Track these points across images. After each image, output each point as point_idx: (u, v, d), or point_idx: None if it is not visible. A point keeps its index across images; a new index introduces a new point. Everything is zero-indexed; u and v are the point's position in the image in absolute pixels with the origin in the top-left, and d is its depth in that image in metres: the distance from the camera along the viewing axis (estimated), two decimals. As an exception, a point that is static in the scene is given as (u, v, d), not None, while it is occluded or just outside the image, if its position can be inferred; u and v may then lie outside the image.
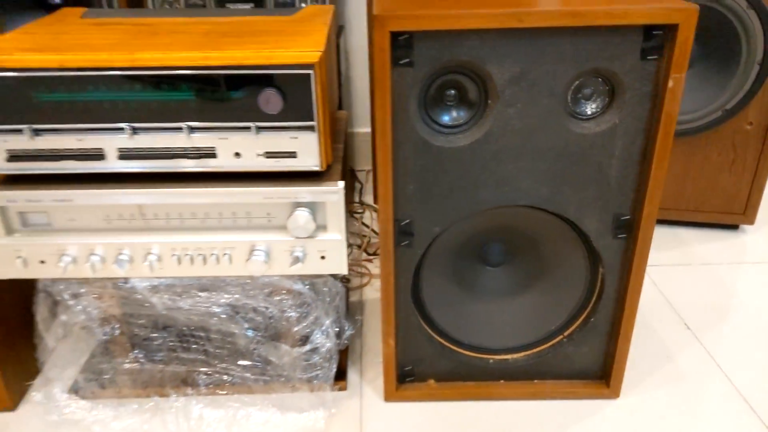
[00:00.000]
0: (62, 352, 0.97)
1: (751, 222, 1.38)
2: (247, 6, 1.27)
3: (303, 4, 1.27)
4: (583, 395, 0.94)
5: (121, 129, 0.75)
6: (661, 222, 1.43)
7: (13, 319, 0.95)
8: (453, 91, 0.76)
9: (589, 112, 0.77)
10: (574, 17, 0.69)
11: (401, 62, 0.72)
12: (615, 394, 0.94)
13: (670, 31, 0.70)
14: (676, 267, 1.28)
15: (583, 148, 0.77)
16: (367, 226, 1.42)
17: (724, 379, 0.98)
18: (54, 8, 1.14)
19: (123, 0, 1.25)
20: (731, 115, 1.28)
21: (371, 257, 1.31)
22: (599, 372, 0.94)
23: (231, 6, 1.26)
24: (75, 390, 0.94)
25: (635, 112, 0.75)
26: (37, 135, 0.75)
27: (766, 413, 0.91)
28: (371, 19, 1.04)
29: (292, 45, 0.75)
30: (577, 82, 0.75)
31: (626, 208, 0.81)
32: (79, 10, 0.97)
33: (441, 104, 0.77)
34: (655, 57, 0.72)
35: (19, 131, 0.75)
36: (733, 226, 1.42)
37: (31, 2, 1.19)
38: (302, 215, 0.78)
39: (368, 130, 1.68)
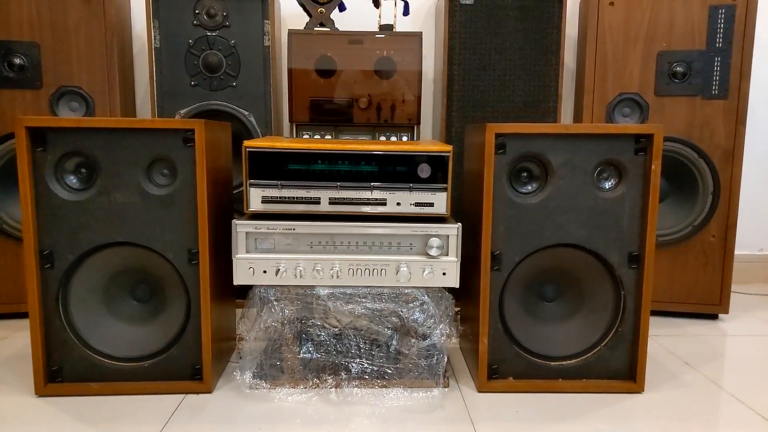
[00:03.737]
0: (246, 347, 1.36)
1: (726, 311, 1.83)
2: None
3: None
4: (618, 389, 1.33)
5: (335, 186, 1.26)
6: (658, 313, 1.88)
7: (220, 330, 1.37)
8: (525, 173, 1.30)
9: (607, 187, 1.30)
10: (596, 129, 1.25)
11: (499, 152, 1.26)
12: (640, 388, 1.33)
13: (649, 138, 1.26)
14: (675, 337, 1.71)
15: (606, 207, 1.28)
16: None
17: (714, 386, 1.38)
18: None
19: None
20: (699, 230, 1.82)
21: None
22: (628, 373, 1.34)
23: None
24: (260, 375, 1.32)
25: (635, 185, 1.28)
26: (283, 188, 1.26)
27: (747, 402, 1.29)
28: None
29: (434, 146, 1.31)
30: (599, 168, 1.28)
31: (635, 247, 1.30)
32: (281, 136, 1.54)
33: (519, 179, 1.30)
34: (643, 153, 1.27)
35: (274, 185, 1.26)
36: (713, 316, 1.87)
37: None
38: (436, 240, 1.27)
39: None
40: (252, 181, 1.26)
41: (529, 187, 1.30)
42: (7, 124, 1.76)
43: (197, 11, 1.82)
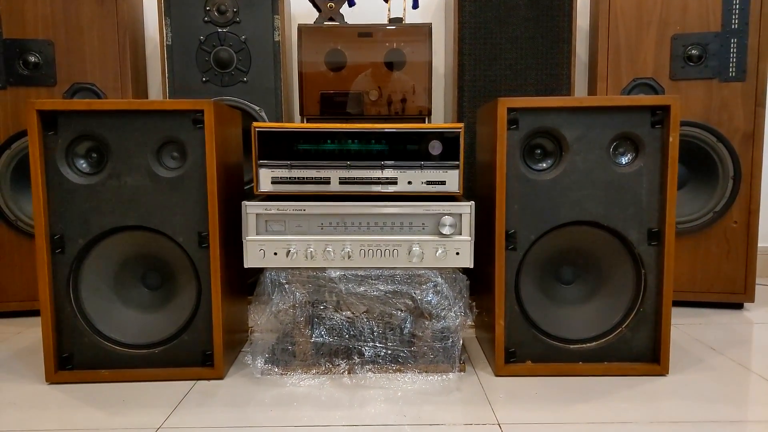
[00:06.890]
0: (257, 332, 1.34)
1: (752, 300, 1.77)
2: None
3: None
4: (641, 372, 1.28)
5: (345, 165, 1.25)
6: (681, 303, 1.82)
7: (232, 319, 1.35)
8: (539, 150, 1.27)
9: (624, 161, 1.27)
10: (611, 101, 1.23)
11: (511, 127, 1.24)
12: (665, 370, 1.28)
13: (666, 110, 1.23)
14: (701, 325, 1.66)
15: (623, 182, 1.25)
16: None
17: (742, 368, 1.32)
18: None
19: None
20: (720, 216, 1.77)
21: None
22: (651, 355, 1.29)
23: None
24: (271, 361, 1.29)
25: (653, 159, 1.25)
26: (293, 168, 1.25)
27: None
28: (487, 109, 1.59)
29: (445, 125, 1.28)
30: (615, 142, 1.25)
31: (654, 223, 1.26)
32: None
33: (533, 156, 1.27)
34: (660, 126, 1.24)
35: (284, 166, 1.25)
36: (738, 305, 1.81)
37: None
38: (449, 218, 1.24)
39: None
40: (262, 161, 1.25)
41: (544, 164, 1.27)
42: (22, 121, 1.77)
43: (208, 8, 1.83)
